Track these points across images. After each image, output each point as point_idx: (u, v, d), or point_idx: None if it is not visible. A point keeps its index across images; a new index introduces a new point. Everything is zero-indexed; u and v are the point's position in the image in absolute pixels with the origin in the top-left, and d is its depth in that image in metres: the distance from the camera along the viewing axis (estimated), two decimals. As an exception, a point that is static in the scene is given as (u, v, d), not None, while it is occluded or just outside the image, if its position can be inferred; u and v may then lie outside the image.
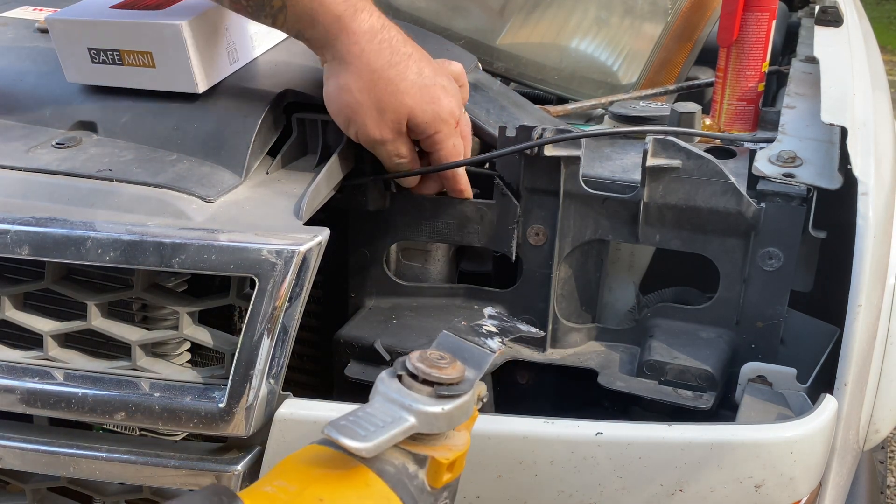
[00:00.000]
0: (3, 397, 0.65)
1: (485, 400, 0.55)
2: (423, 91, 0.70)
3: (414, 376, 0.50)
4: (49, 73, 0.81)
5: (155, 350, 0.68)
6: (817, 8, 1.10)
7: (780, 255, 0.71)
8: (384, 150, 0.73)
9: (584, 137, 0.74)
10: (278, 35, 0.86)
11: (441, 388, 0.49)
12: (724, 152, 0.79)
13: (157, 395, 0.64)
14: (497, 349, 0.56)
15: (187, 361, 0.70)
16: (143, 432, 0.71)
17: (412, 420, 0.48)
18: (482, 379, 0.55)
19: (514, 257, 0.79)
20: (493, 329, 0.59)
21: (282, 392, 0.63)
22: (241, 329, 0.63)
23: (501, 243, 0.79)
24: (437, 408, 0.48)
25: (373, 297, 0.85)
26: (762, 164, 0.71)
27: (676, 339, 0.75)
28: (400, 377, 0.50)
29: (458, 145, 0.74)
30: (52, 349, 0.68)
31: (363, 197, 0.80)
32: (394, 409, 0.48)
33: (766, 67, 0.87)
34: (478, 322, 0.60)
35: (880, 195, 0.70)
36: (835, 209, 0.70)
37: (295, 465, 0.48)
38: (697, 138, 0.82)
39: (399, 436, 0.47)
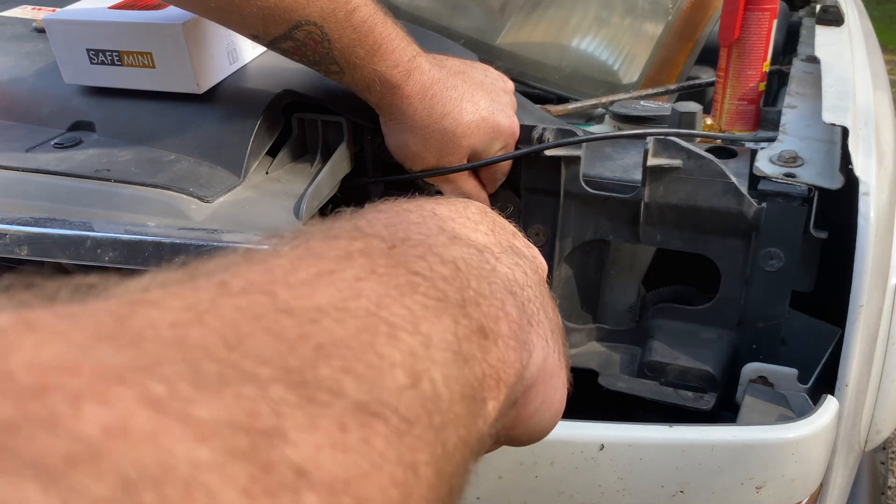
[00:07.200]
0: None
1: None
2: (480, 125, 0.72)
3: None
4: (47, 72, 0.81)
5: (154, 351, 0.68)
6: (818, 7, 1.10)
7: (782, 256, 0.71)
8: (448, 189, 0.76)
9: (587, 142, 0.73)
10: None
11: None
12: (725, 152, 0.78)
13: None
14: None
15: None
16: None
17: None
18: None
19: None
20: None
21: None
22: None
23: None
24: None
25: (373, 297, 0.85)
26: (763, 164, 0.71)
27: (677, 340, 0.75)
28: None
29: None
30: (51, 350, 0.68)
31: (364, 197, 0.80)
32: None
33: (767, 67, 0.87)
34: None
35: (882, 195, 0.70)
36: (836, 209, 0.70)
37: None
38: (698, 138, 0.82)
39: None
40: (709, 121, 0.90)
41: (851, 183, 0.67)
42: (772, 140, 0.77)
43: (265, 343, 0.18)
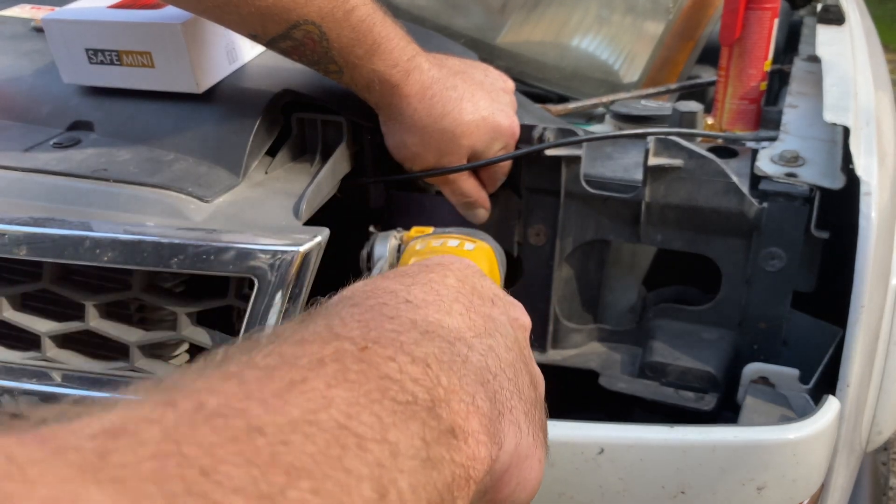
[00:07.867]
0: (1, 398, 0.65)
1: None
2: (480, 125, 0.72)
3: None
4: (46, 72, 0.81)
5: (153, 351, 0.68)
6: (819, 6, 1.10)
7: (783, 256, 0.70)
8: (447, 190, 0.76)
9: (588, 141, 0.73)
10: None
11: None
12: (726, 152, 0.78)
13: (155, 396, 0.63)
14: None
15: (186, 362, 0.70)
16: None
17: None
18: None
19: (515, 254, 0.79)
20: None
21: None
22: (240, 330, 0.62)
23: (503, 240, 0.79)
24: None
25: (373, 297, 0.85)
26: (764, 164, 0.71)
27: (678, 340, 0.75)
28: None
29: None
30: (50, 350, 0.68)
31: (364, 196, 0.80)
32: None
33: (768, 66, 0.87)
34: None
35: (883, 195, 0.69)
36: (837, 209, 0.70)
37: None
38: (699, 137, 0.82)
39: None
40: (710, 120, 0.89)
41: (853, 183, 0.67)
42: (773, 139, 0.76)
43: (239, 469, 0.19)
